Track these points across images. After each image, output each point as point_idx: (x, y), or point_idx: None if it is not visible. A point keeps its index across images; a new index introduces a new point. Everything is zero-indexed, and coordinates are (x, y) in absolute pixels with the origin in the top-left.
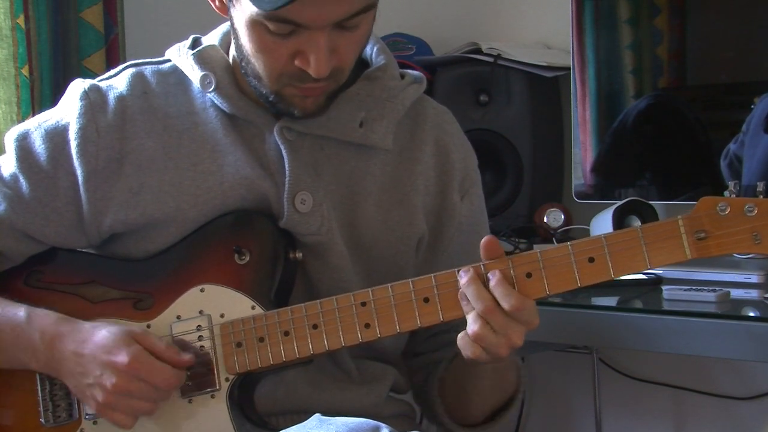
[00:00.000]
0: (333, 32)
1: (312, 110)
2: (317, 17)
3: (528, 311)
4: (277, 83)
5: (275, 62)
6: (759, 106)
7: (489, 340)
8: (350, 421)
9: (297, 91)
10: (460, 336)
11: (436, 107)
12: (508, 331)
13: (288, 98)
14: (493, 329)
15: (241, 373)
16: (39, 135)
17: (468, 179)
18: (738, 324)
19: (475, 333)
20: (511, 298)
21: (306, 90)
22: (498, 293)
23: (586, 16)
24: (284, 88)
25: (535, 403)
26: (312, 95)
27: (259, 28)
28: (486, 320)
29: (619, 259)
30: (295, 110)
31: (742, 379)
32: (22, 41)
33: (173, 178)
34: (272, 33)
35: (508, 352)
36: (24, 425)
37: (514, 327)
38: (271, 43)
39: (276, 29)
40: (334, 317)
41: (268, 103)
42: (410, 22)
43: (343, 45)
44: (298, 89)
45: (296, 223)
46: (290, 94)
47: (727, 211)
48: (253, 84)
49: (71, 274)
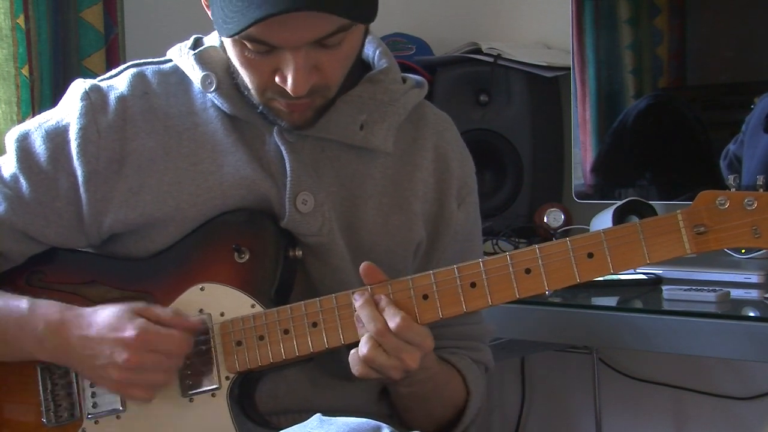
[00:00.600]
0: (312, 50)
1: (299, 123)
2: (288, 39)
3: (416, 332)
4: (262, 96)
5: (258, 78)
6: (759, 106)
7: (379, 361)
8: (351, 421)
9: (282, 105)
10: (351, 353)
11: (437, 113)
12: (401, 354)
13: (275, 110)
14: (386, 351)
15: (242, 372)
16: (39, 135)
17: (465, 188)
18: (738, 324)
19: (365, 355)
20: (397, 318)
21: (290, 105)
22: (386, 314)
23: (586, 16)
24: (270, 102)
25: (535, 403)
26: (297, 111)
27: (239, 45)
28: (378, 342)
29: (618, 254)
30: (282, 122)
31: (742, 379)
32: (22, 41)
33: (173, 178)
34: (250, 51)
35: (401, 375)
36: (26, 425)
37: (407, 349)
38: (252, 60)
39: (254, 48)
40: (333, 315)
41: (259, 113)
42: (410, 22)
43: (325, 62)
44: (282, 104)
45: (297, 224)
46: (276, 107)
47: (727, 205)
48: (246, 93)
49: (72, 274)
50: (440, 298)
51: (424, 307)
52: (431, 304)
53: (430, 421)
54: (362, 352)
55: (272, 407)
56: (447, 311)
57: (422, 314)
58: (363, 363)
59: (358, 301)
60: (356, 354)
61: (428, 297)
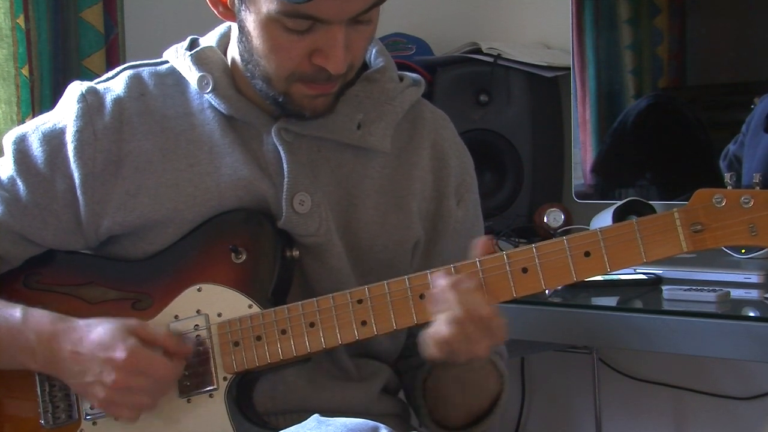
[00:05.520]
0: (348, 28)
1: (321, 110)
2: (338, 11)
3: (498, 324)
4: (286, 83)
5: (289, 61)
6: (759, 106)
7: (456, 345)
8: (349, 421)
9: (307, 90)
10: (425, 334)
11: (434, 111)
12: (477, 340)
13: (297, 99)
14: (465, 335)
15: (239, 372)
16: (36, 138)
17: (464, 185)
18: (738, 324)
19: (445, 337)
20: (487, 307)
21: (317, 89)
22: (475, 301)
23: (586, 16)
24: (294, 89)
25: (535, 403)
26: (323, 93)
27: (275, 26)
28: (462, 325)
29: (615, 253)
30: (305, 111)
31: (742, 379)
32: (22, 41)
33: (170, 180)
34: (288, 30)
35: (465, 360)
36: (24, 427)
37: (482, 337)
38: (287, 41)
39: (293, 26)
40: (330, 315)
41: (276, 105)
42: (410, 22)
43: (356, 41)
44: (309, 88)
45: (295, 224)
46: (300, 94)
47: (723, 203)
48: (259, 87)
49: (70, 276)
50: None
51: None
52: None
53: (466, 410)
54: (442, 333)
55: (270, 407)
56: None
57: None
58: (440, 344)
59: (442, 282)
60: (433, 335)
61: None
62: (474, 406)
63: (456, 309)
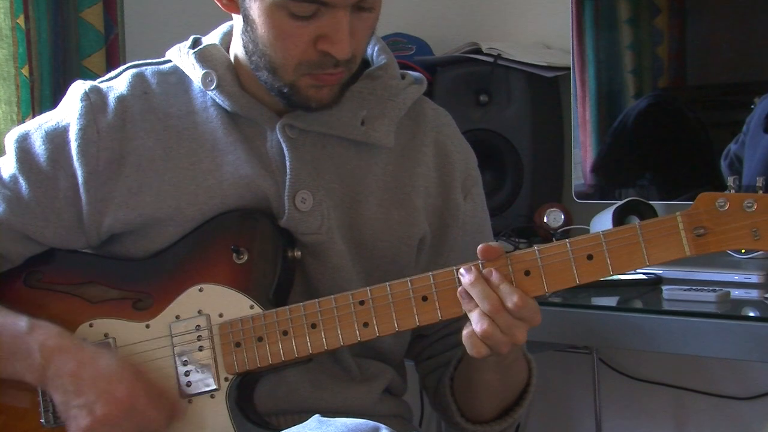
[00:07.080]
0: (351, 15)
1: (327, 101)
2: None
3: (530, 308)
4: (294, 73)
5: (295, 48)
6: (759, 106)
7: (496, 337)
8: (349, 422)
9: (313, 80)
10: (466, 334)
11: (435, 108)
12: (513, 330)
13: (303, 90)
14: (499, 327)
15: (240, 373)
16: (39, 136)
17: (470, 179)
18: (738, 324)
19: (484, 331)
20: (515, 296)
21: (323, 78)
22: (502, 292)
23: (586, 16)
24: (300, 79)
25: (535, 403)
26: (329, 83)
27: (280, 12)
28: (493, 319)
29: (618, 257)
30: (311, 102)
31: (742, 379)
32: (22, 41)
33: (173, 178)
34: (294, 17)
35: (509, 349)
36: (24, 426)
37: (519, 325)
38: (292, 28)
39: (298, 11)
40: (332, 316)
41: (281, 97)
42: (410, 22)
43: (359, 28)
44: (315, 78)
45: (296, 222)
46: (306, 84)
47: (726, 207)
48: (264, 78)
49: (71, 275)
50: (439, 300)
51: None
52: (430, 306)
53: (502, 397)
54: (479, 328)
55: (271, 408)
56: (446, 312)
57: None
58: (481, 341)
59: (467, 277)
60: (473, 335)
61: (427, 299)
62: (509, 392)
63: (484, 304)
